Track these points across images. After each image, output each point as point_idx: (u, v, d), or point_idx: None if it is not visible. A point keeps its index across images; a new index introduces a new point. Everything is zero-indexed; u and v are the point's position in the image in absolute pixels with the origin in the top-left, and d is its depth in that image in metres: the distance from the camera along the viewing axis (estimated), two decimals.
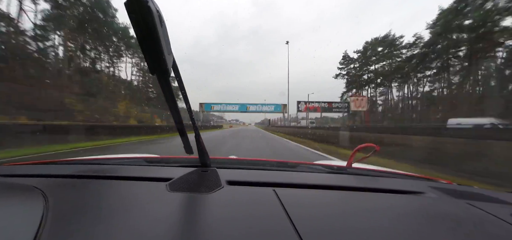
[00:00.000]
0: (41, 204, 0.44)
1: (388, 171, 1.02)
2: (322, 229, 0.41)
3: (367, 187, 0.70)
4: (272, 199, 0.53)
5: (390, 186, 0.72)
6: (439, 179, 0.97)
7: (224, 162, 1.01)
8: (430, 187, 0.71)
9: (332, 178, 0.80)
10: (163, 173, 0.71)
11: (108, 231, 0.37)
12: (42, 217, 0.39)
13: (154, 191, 0.56)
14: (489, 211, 0.53)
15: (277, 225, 0.41)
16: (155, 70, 0.42)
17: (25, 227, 0.36)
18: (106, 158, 1.12)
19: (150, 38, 0.36)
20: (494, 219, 0.49)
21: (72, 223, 0.39)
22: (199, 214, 0.45)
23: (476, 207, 0.55)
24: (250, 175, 0.79)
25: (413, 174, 1.00)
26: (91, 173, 0.75)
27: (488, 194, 0.69)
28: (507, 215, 0.51)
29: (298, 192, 0.61)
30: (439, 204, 0.59)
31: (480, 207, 0.55)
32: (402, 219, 0.49)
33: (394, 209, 0.54)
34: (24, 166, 0.86)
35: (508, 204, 0.61)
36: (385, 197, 0.62)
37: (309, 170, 0.95)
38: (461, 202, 0.60)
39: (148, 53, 0.39)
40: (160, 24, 0.37)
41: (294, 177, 0.77)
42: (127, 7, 0.33)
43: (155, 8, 0.35)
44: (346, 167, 0.94)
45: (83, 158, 1.18)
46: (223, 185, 0.60)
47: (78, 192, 0.56)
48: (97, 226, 0.38)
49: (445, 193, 0.67)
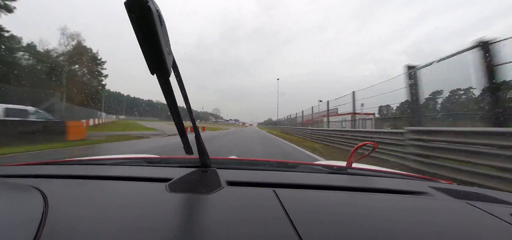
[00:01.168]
0: (41, 204, 0.44)
1: (388, 171, 1.02)
2: (322, 230, 0.41)
3: (367, 187, 0.70)
4: (272, 199, 0.53)
5: (390, 186, 0.72)
6: (439, 179, 0.98)
7: (224, 163, 1.01)
8: (430, 187, 0.71)
9: (332, 179, 0.80)
10: (163, 174, 0.71)
11: (108, 232, 0.37)
12: (42, 217, 0.39)
13: (154, 192, 0.56)
14: (489, 211, 0.53)
15: (277, 225, 0.41)
16: (155, 70, 0.42)
17: (25, 227, 0.35)
18: (106, 158, 1.12)
19: (149, 38, 0.36)
20: (494, 219, 0.49)
21: (72, 223, 0.39)
22: (199, 214, 0.45)
23: (476, 207, 0.55)
24: (250, 175, 0.79)
25: (413, 174, 1.01)
26: (91, 173, 0.75)
27: (488, 194, 0.69)
28: (507, 215, 0.51)
29: (298, 193, 0.61)
30: (439, 204, 0.59)
31: (480, 207, 0.55)
32: (403, 219, 0.49)
33: (394, 210, 0.54)
34: (24, 166, 0.86)
35: (508, 204, 0.61)
36: (385, 198, 0.62)
37: (309, 170, 0.95)
38: (461, 202, 0.60)
39: (148, 53, 0.38)
40: (160, 24, 0.36)
41: (294, 177, 0.77)
42: (127, 7, 0.33)
43: (155, 8, 0.35)
44: (346, 167, 0.94)
45: (83, 158, 1.18)
46: (223, 186, 0.60)
47: (78, 192, 0.56)
48: (97, 226, 0.38)
49: (445, 193, 0.67)
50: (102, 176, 0.69)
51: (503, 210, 0.54)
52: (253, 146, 9.44)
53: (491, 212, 0.52)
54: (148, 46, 0.37)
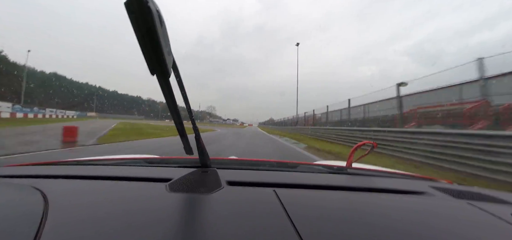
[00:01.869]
0: (42, 204, 0.44)
1: (388, 171, 1.02)
2: (323, 230, 0.41)
3: (367, 187, 0.70)
4: (273, 199, 0.53)
5: (390, 186, 0.72)
6: (440, 179, 0.97)
7: (224, 163, 1.01)
8: (431, 187, 0.71)
9: (332, 178, 0.80)
10: (163, 174, 0.71)
11: (108, 232, 0.37)
12: (42, 217, 0.39)
13: (154, 192, 0.56)
14: (490, 211, 0.53)
15: (277, 225, 0.41)
16: (154, 71, 0.42)
17: (25, 227, 0.36)
18: (106, 159, 1.12)
19: (149, 38, 0.36)
20: (494, 219, 0.49)
21: (72, 223, 0.39)
22: (199, 214, 0.45)
23: (476, 207, 0.55)
24: (250, 175, 0.79)
25: (414, 174, 1.00)
26: (91, 173, 0.75)
27: (488, 194, 0.69)
28: (507, 215, 0.51)
29: (298, 193, 0.61)
30: (439, 204, 0.59)
31: (480, 207, 0.55)
32: (403, 219, 0.49)
33: (395, 209, 0.54)
34: (24, 167, 0.86)
35: (508, 204, 0.60)
36: (385, 197, 0.62)
37: (309, 170, 0.95)
38: (461, 202, 0.60)
39: (148, 53, 0.38)
40: (159, 24, 0.36)
41: (294, 177, 0.77)
42: (127, 7, 0.33)
43: (154, 8, 0.34)
44: (346, 167, 0.94)
45: (83, 158, 1.18)
46: (223, 186, 0.60)
47: (78, 193, 0.56)
48: (97, 226, 0.38)
49: (445, 193, 0.67)
50: (102, 176, 0.69)
51: (503, 210, 0.54)
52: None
53: (491, 212, 0.52)
54: (148, 46, 0.37)
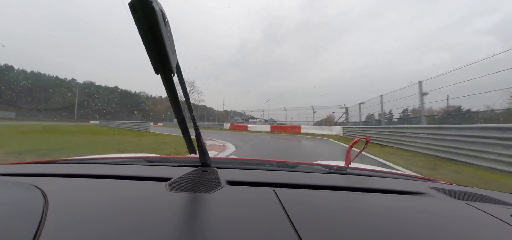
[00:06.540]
0: (41, 202, 0.44)
1: (387, 172, 1.02)
2: (322, 230, 0.41)
3: (367, 187, 0.70)
4: (272, 199, 0.53)
5: (390, 187, 0.73)
6: (439, 179, 0.98)
7: (224, 162, 1.01)
8: (430, 188, 0.71)
9: (331, 178, 0.80)
10: (163, 173, 0.71)
11: (108, 230, 0.37)
12: (42, 215, 0.39)
13: (154, 191, 0.56)
14: (489, 212, 0.53)
15: (277, 225, 0.41)
16: (159, 70, 0.42)
17: (25, 225, 0.36)
18: (106, 158, 1.12)
19: (154, 37, 0.36)
20: (494, 220, 0.50)
21: (72, 221, 0.39)
22: (199, 214, 0.45)
23: (476, 208, 0.56)
24: (250, 175, 0.79)
25: (413, 174, 1.01)
26: (91, 172, 0.74)
27: (488, 195, 0.69)
28: (507, 216, 0.51)
29: (297, 192, 0.61)
30: (439, 205, 0.59)
31: (480, 208, 0.55)
32: (402, 219, 0.49)
33: (394, 210, 0.54)
34: (24, 165, 0.86)
35: (508, 205, 0.61)
36: (385, 198, 0.62)
37: (308, 170, 0.95)
38: (461, 202, 0.60)
39: (152, 53, 0.39)
40: (163, 23, 0.37)
41: (294, 177, 0.77)
42: (131, 6, 0.33)
43: (159, 8, 0.35)
44: (346, 167, 0.95)
45: (83, 157, 1.18)
46: (223, 185, 0.60)
47: (77, 191, 0.56)
48: (97, 225, 0.38)
49: (445, 194, 0.67)
50: (102, 175, 0.69)
51: (503, 211, 0.54)
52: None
53: (491, 213, 0.52)
54: (152, 46, 0.37)
